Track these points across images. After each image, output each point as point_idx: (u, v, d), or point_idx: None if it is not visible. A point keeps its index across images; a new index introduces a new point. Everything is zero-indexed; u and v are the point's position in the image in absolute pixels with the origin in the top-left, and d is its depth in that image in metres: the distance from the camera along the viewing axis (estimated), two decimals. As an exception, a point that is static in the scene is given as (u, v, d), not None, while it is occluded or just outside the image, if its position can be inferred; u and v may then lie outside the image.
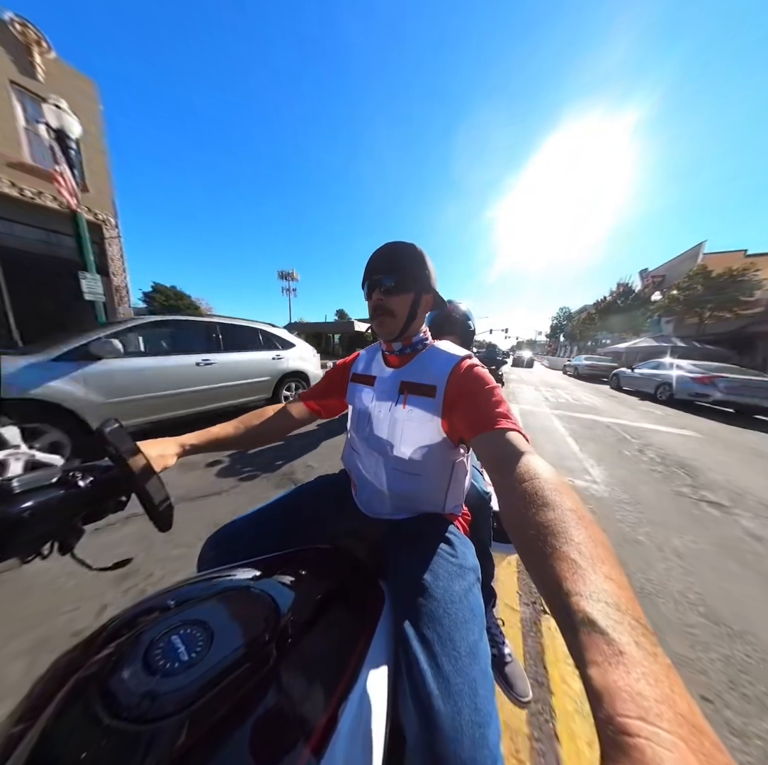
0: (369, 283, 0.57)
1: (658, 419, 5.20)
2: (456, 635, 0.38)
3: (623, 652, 0.18)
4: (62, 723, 0.25)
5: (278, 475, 2.21)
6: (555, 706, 0.85)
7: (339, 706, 0.29)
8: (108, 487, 0.40)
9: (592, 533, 0.26)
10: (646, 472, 2.69)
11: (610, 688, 0.16)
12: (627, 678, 0.17)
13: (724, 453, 3.46)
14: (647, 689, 0.16)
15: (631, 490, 2.24)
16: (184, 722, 0.24)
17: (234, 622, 0.33)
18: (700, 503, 2.12)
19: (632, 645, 0.18)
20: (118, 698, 0.25)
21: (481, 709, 0.32)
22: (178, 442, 0.54)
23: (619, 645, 0.18)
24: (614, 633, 0.19)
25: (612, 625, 0.19)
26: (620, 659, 0.18)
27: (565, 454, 3.06)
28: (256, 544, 0.55)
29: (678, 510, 2.00)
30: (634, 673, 0.17)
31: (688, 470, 2.80)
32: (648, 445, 3.52)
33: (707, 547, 1.61)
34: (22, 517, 0.32)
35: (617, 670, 0.17)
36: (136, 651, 0.29)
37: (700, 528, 1.79)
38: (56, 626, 1.01)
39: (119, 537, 1.45)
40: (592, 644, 0.19)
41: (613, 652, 0.18)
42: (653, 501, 2.10)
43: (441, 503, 0.59)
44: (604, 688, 0.17)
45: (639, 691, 0.16)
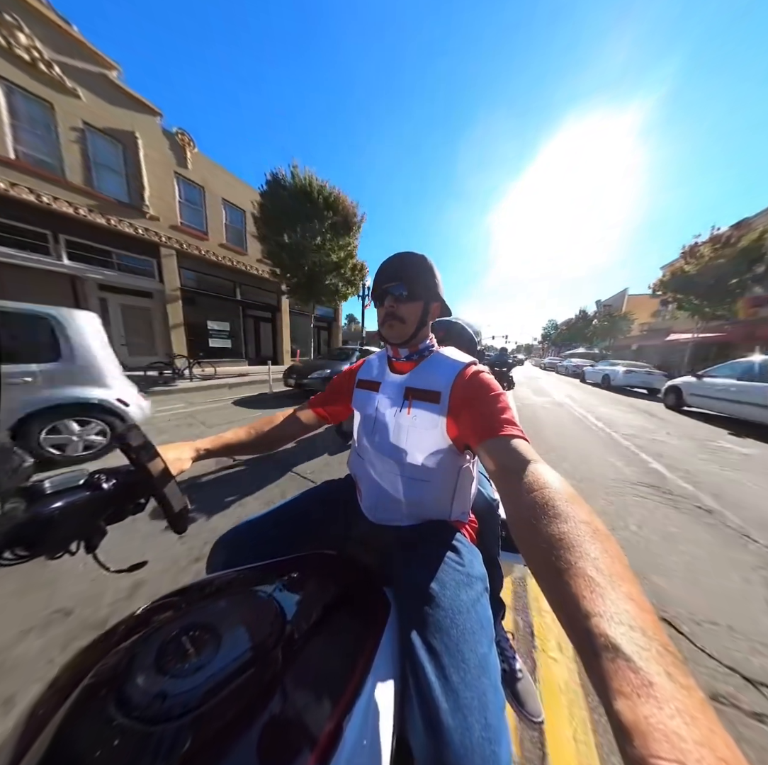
0: (381, 290, 0.57)
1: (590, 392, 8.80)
2: (464, 647, 0.36)
3: (653, 683, 0.16)
4: (77, 720, 0.26)
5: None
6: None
7: (344, 716, 0.29)
8: (129, 489, 0.41)
9: (609, 547, 0.25)
10: (577, 418, 4.99)
11: (641, 725, 0.15)
12: (659, 714, 0.15)
13: (610, 405, 6.47)
14: (683, 728, 0.15)
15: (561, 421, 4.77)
16: (191, 726, 0.24)
17: (241, 626, 0.33)
18: (586, 420, 4.81)
19: (663, 675, 0.17)
20: (131, 697, 0.25)
21: (491, 725, 0.31)
22: (194, 446, 0.55)
23: (648, 675, 0.17)
24: (641, 661, 0.17)
25: (638, 652, 0.18)
26: (650, 691, 0.16)
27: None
28: (263, 547, 0.56)
29: (580, 426, 4.40)
30: (667, 709, 0.15)
31: (590, 411, 5.58)
32: (584, 408, 5.99)
33: (580, 432, 4.08)
34: (52, 516, 0.34)
35: (648, 704, 0.16)
36: (149, 651, 0.29)
37: (580, 427, 4.36)
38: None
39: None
40: (617, 672, 0.17)
41: (641, 683, 0.16)
42: (572, 425, 4.47)
43: (447, 510, 0.58)
44: (634, 724, 0.15)
45: (674, 729, 0.15)
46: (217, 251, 9.15)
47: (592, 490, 2.24)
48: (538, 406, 5.83)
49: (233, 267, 9.56)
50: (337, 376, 0.76)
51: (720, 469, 2.86)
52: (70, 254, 6.34)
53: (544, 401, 6.54)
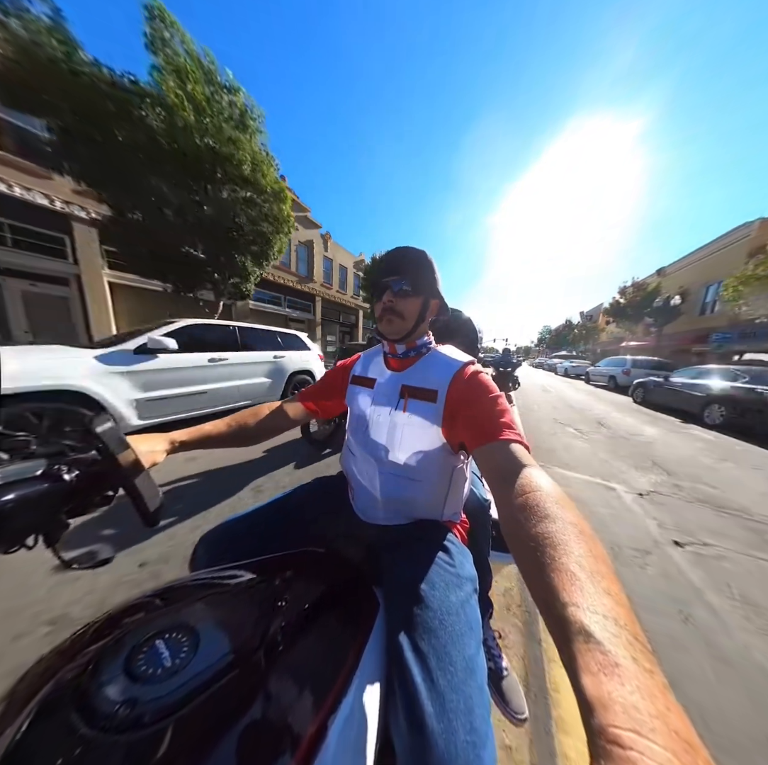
0: (380, 284, 0.57)
1: (561, 380, 14.26)
2: (452, 649, 0.36)
3: (618, 664, 0.18)
4: (35, 732, 0.24)
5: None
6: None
7: (328, 717, 0.28)
8: (95, 481, 0.39)
9: (593, 548, 0.26)
10: (544, 389, 9.69)
11: (604, 699, 0.16)
12: (621, 690, 0.17)
13: (560, 382, 12.98)
14: (642, 703, 0.16)
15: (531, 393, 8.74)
16: (165, 733, 0.23)
17: (222, 627, 0.33)
18: (548, 393, 8.67)
19: (628, 659, 0.18)
20: (96, 706, 0.24)
21: (476, 728, 0.31)
22: (168, 438, 0.52)
23: (614, 657, 0.18)
24: (610, 645, 0.19)
25: (608, 638, 0.19)
26: (615, 670, 0.17)
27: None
28: (249, 545, 0.55)
29: (546, 394, 8.49)
30: (628, 686, 0.17)
31: (552, 385, 11.25)
32: (551, 386, 10.93)
33: (544, 394, 8.59)
34: (3, 509, 0.31)
35: (611, 681, 0.17)
36: (117, 656, 0.28)
37: (546, 395, 8.30)
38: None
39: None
40: (586, 654, 0.19)
41: (608, 663, 0.18)
42: (540, 392, 8.97)
43: (439, 510, 0.59)
44: (597, 698, 0.16)
45: (633, 704, 0.16)
46: (335, 295, 16.01)
47: (549, 423, 4.62)
48: (523, 381, 12.30)
49: (339, 302, 16.42)
50: (330, 370, 0.75)
51: (612, 411, 6.02)
52: (290, 305, 12.96)
53: (524, 382, 13.08)
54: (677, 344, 16.37)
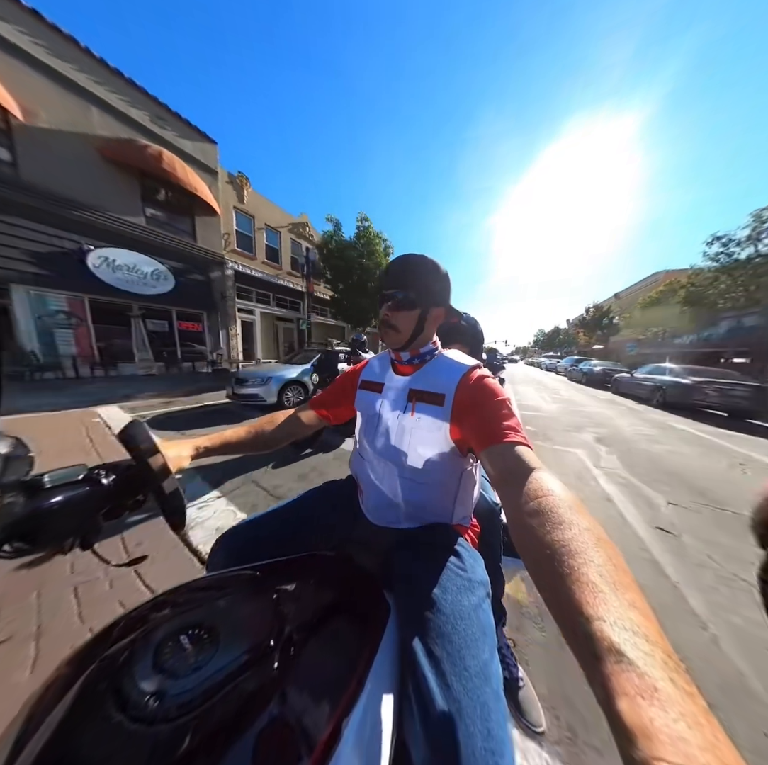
0: (380, 296, 0.58)
1: (541, 373, 19.83)
2: (466, 653, 0.35)
3: (657, 688, 0.16)
4: (75, 717, 0.25)
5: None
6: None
7: (343, 719, 0.28)
8: (128, 485, 0.42)
9: (612, 556, 0.25)
10: (532, 379, 13.83)
11: (646, 727, 0.15)
12: (664, 717, 0.15)
13: (542, 374, 18.13)
14: (688, 732, 0.15)
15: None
16: (188, 727, 0.24)
17: (240, 626, 0.34)
18: (541, 385, 11.15)
19: (666, 681, 0.17)
20: (130, 695, 0.26)
21: (494, 735, 0.30)
22: (193, 444, 0.55)
23: (652, 679, 0.16)
24: (645, 666, 0.17)
25: (642, 657, 0.18)
26: (654, 695, 0.16)
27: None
28: (263, 547, 0.56)
29: (533, 383, 12.12)
30: (671, 713, 0.15)
31: (541, 381, 13.13)
32: (540, 381, 13.05)
33: (532, 382, 12.67)
34: (51, 510, 0.34)
35: (652, 707, 0.15)
36: (148, 649, 0.29)
37: (533, 382, 12.70)
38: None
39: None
40: (620, 675, 0.17)
41: (646, 686, 0.16)
42: (525, 379, 13.57)
43: (449, 513, 0.58)
44: (638, 727, 0.15)
45: (680, 734, 0.14)
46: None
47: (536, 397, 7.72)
48: (513, 373, 14.72)
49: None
50: (340, 376, 0.76)
51: (575, 393, 8.81)
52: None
53: (512, 373, 15.80)
54: (617, 349, 24.86)
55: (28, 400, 4.19)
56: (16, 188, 5.39)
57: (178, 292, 7.87)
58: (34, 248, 5.67)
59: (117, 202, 6.68)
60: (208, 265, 8.69)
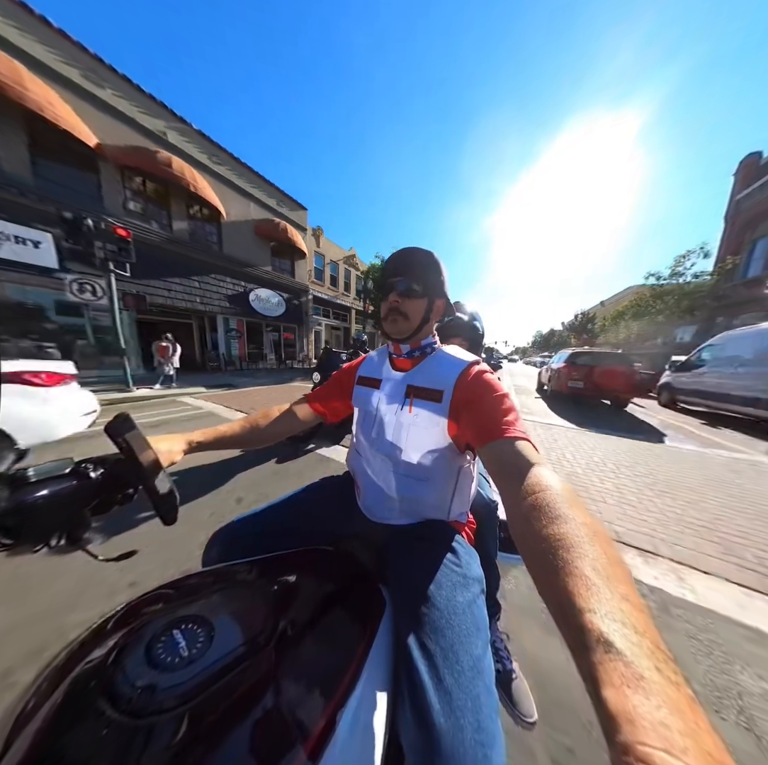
0: (386, 284, 0.58)
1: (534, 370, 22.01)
2: (459, 648, 0.36)
3: (643, 677, 0.17)
4: (65, 712, 0.25)
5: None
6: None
7: (338, 711, 0.29)
8: (117, 479, 0.41)
9: (608, 550, 0.25)
10: (526, 375, 16.50)
11: (629, 713, 0.15)
12: (647, 704, 0.16)
13: (537, 370, 17.12)
14: (670, 719, 0.15)
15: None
16: (182, 719, 0.24)
17: (234, 621, 0.34)
18: (531, 378, 14.35)
19: (653, 670, 0.17)
20: (121, 690, 0.26)
21: (484, 728, 0.31)
22: (186, 438, 0.54)
23: (638, 669, 0.17)
24: (633, 656, 0.18)
25: (630, 648, 0.18)
26: (640, 683, 0.17)
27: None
28: (260, 542, 0.57)
29: (526, 376, 16.25)
30: (654, 700, 0.16)
31: (533, 375, 16.11)
32: (532, 375, 16.06)
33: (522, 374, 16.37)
34: (36, 504, 0.33)
35: (636, 695, 0.16)
36: (138, 645, 0.29)
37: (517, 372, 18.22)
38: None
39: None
40: (608, 665, 0.18)
41: (632, 675, 0.17)
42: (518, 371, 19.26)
43: (445, 510, 0.59)
44: (622, 713, 0.16)
45: (661, 720, 0.15)
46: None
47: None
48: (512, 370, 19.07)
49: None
50: (337, 372, 0.76)
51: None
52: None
53: (512, 370, 19.79)
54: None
55: (238, 380, 7.90)
56: (220, 258, 9.57)
57: (287, 313, 12.19)
58: (225, 292, 9.84)
59: (260, 258, 10.98)
60: (300, 293, 13.05)
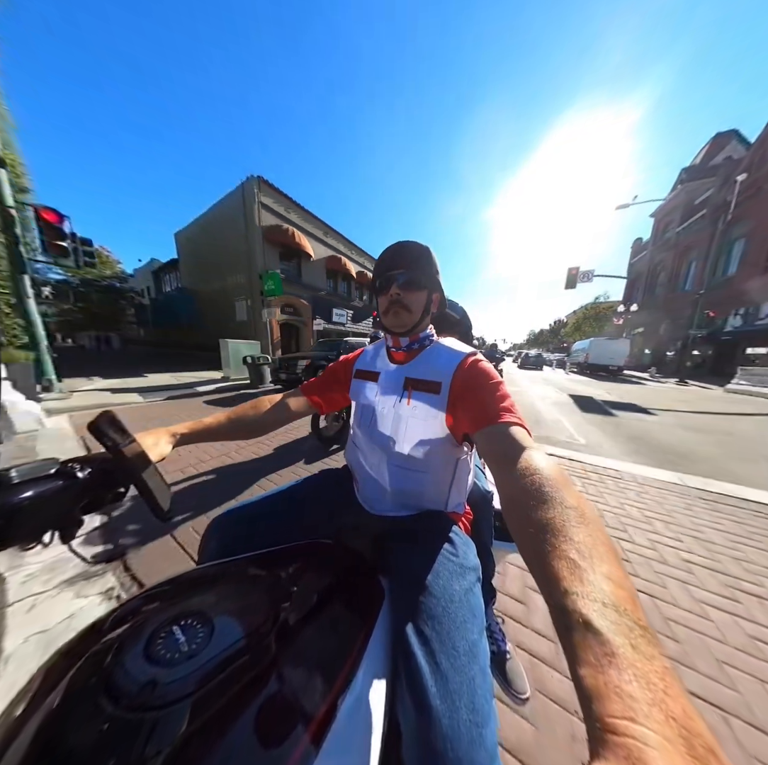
0: (385, 277, 0.57)
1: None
2: (455, 634, 0.38)
3: (616, 654, 0.18)
4: (66, 709, 0.26)
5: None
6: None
7: (338, 697, 0.30)
8: (106, 478, 0.40)
9: (593, 532, 0.26)
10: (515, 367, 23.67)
11: (601, 689, 0.17)
12: (618, 680, 0.17)
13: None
14: (638, 691, 0.16)
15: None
16: (184, 712, 0.25)
17: (234, 614, 0.34)
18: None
19: (627, 647, 0.18)
20: (121, 687, 0.26)
21: (479, 708, 0.32)
22: (171, 431, 0.54)
23: (612, 646, 0.18)
24: (609, 633, 0.19)
25: (607, 626, 0.19)
26: (612, 660, 0.18)
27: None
28: (257, 534, 0.56)
29: (514, 367, 23.72)
30: (625, 675, 0.17)
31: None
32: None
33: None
34: (21, 506, 0.32)
35: (609, 672, 0.17)
36: (138, 641, 0.30)
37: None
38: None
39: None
40: (585, 645, 0.19)
41: (605, 653, 0.18)
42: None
43: (443, 501, 0.60)
44: (594, 689, 0.17)
45: (630, 693, 0.16)
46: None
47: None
48: (507, 363, 23.34)
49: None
50: (333, 364, 0.75)
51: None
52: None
53: (507, 363, 23.13)
54: (568, 348, 32.75)
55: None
56: (299, 287, 13.22)
57: (352, 322, 16.79)
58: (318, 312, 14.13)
59: (325, 284, 15.35)
60: (358, 310, 17.77)
